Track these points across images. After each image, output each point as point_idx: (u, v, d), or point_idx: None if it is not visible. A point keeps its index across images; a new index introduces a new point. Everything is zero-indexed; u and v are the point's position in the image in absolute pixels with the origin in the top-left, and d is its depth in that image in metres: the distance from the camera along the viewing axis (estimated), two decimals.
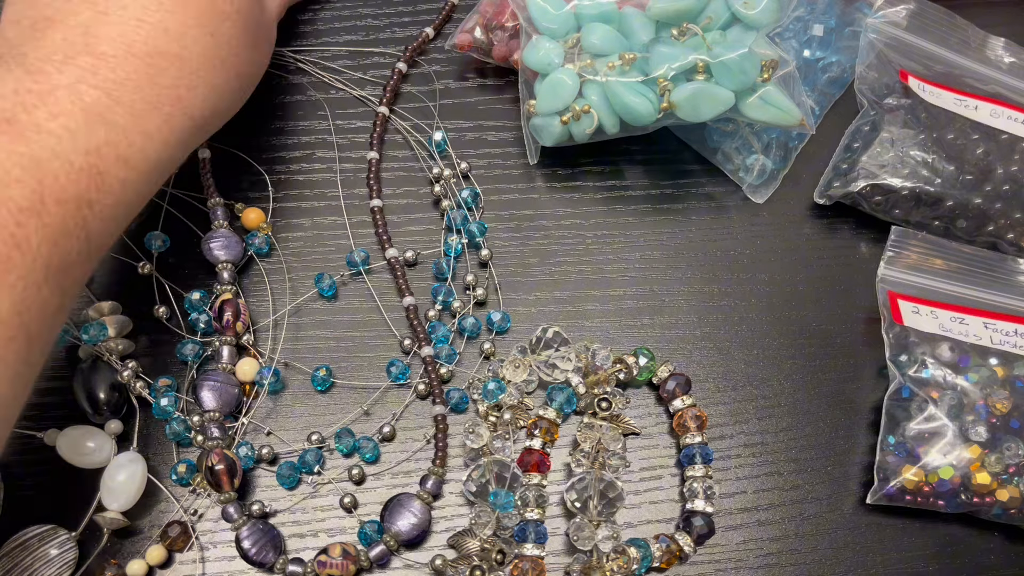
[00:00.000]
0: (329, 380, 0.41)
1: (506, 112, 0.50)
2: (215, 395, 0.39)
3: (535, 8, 0.44)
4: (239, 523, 0.37)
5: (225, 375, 0.39)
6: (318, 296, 0.44)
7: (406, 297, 0.42)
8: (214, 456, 0.37)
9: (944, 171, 0.45)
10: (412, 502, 0.38)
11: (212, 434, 0.38)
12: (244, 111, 0.48)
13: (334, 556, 0.36)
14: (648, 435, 0.42)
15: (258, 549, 0.36)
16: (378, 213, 0.45)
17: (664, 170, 0.48)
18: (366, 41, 0.51)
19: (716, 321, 0.45)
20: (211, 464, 0.37)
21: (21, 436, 0.39)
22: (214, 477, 0.37)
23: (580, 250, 0.46)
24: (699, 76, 0.42)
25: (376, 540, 0.37)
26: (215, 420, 0.38)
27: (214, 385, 0.39)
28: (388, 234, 0.44)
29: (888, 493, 0.39)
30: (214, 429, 0.38)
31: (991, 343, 0.42)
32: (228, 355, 0.40)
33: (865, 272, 0.46)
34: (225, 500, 0.37)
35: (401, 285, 0.43)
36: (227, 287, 0.42)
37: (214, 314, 0.41)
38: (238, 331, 0.41)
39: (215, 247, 0.42)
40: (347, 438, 0.40)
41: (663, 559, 0.38)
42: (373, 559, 0.37)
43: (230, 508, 0.37)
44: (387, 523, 0.37)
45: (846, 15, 0.52)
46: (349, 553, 0.36)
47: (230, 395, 0.39)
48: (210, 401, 0.39)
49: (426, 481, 0.39)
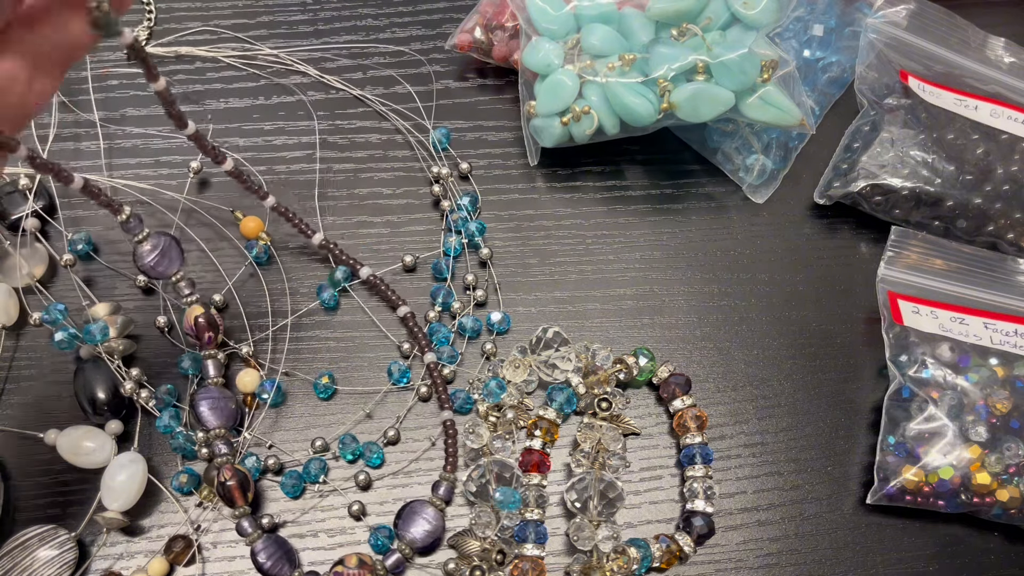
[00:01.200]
0: (331, 387, 0.41)
1: (506, 112, 0.50)
2: (215, 413, 0.38)
3: (535, 9, 0.44)
4: (253, 537, 0.36)
5: (220, 389, 0.39)
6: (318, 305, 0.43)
7: (401, 307, 0.42)
8: (226, 471, 0.36)
9: (944, 171, 0.45)
10: (426, 509, 0.37)
11: (220, 450, 0.37)
12: (244, 111, 0.49)
13: (351, 567, 0.36)
14: (648, 435, 0.42)
15: (273, 563, 0.36)
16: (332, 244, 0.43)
17: (664, 170, 0.48)
18: (366, 41, 0.51)
19: (716, 321, 0.45)
20: (223, 480, 0.36)
21: (21, 436, 0.39)
22: (227, 492, 0.36)
23: (580, 250, 0.46)
24: (699, 76, 0.42)
25: (389, 545, 0.37)
26: (221, 436, 0.38)
27: (212, 403, 0.38)
28: (354, 257, 0.43)
29: (888, 493, 0.39)
30: (221, 445, 0.38)
31: (991, 343, 0.42)
32: (215, 369, 0.39)
33: (865, 272, 0.46)
34: (239, 515, 0.36)
35: (391, 297, 0.43)
36: (194, 300, 0.40)
37: (189, 330, 0.40)
38: (218, 343, 0.40)
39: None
40: (351, 444, 0.40)
41: (663, 559, 0.38)
42: (389, 568, 0.37)
43: (244, 522, 0.36)
44: (401, 531, 0.37)
45: (846, 15, 0.52)
46: (365, 563, 0.36)
47: (229, 409, 0.38)
48: (211, 419, 0.38)
49: (438, 487, 0.38)
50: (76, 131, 0.47)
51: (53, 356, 0.41)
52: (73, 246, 0.43)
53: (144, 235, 0.37)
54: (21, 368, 0.41)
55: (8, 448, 0.39)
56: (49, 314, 0.39)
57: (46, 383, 0.41)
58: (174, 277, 0.39)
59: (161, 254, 0.37)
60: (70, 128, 0.47)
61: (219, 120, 0.48)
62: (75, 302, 0.42)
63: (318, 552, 0.38)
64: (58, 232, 0.44)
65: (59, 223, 0.44)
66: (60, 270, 0.43)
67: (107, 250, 0.44)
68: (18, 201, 0.43)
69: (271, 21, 0.52)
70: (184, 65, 0.50)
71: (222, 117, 0.48)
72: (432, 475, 0.40)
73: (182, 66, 0.50)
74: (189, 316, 0.39)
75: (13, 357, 0.42)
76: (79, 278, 0.43)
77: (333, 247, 0.43)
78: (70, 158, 0.47)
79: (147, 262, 0.37)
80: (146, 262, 0.37)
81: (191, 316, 0.39)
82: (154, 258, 0.37)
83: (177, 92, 0.49)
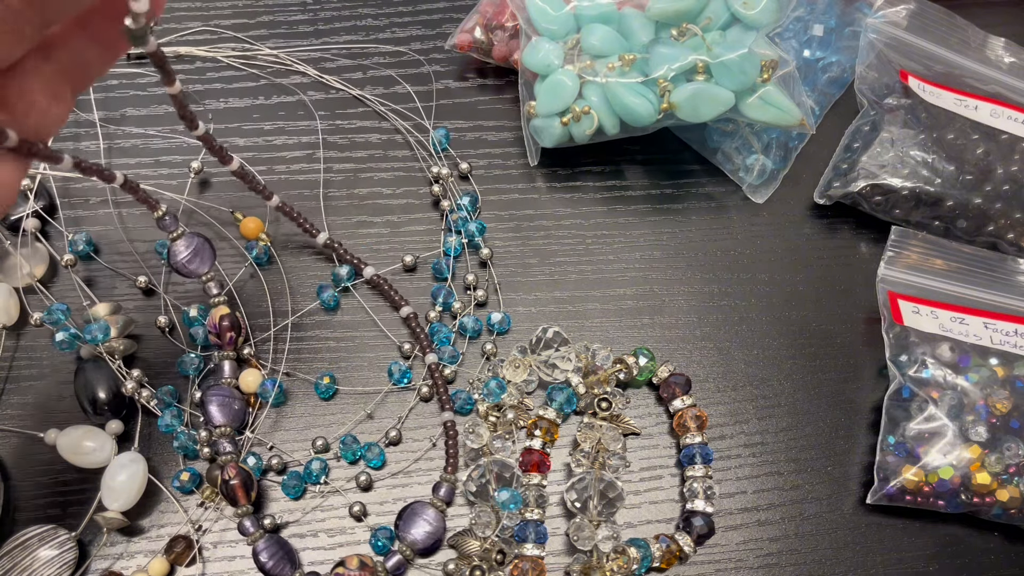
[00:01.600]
0: (333, 388, 0.41)
1: (506, 112, 0.50)
2: (223, 411, 0.38)
3: (534, 9, 0.44)
4: (255, 536, 0.36)
5: (230, 389, 0.39)
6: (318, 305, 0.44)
7: (403, 308, 0.42)
8: (230, 470, 0.36)
9: (944, 171, 0.45)
10: (426, 510, 0.37)
11: (225, 449, 0.38)
12: (244, 111, 0.49)
13: (352, 568, 0.36)
14: (648, 435, 0.42)
15: (275, 563, 0.36)
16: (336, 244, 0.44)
17: (664, 170, 0.48)
18: (366, 41, 0.51)
19: (716, 321, 0.45)
20: (227, 478, 0.36)
21: (21, 436, 0.39)
22: (230, 491, 0.36)
23: (580, 250, 0.46)
24: (699, 76, 0.42)
25: (389, 547, 0.37)
26: (226, 435, 0.38)
27: (222, 400, 0.38)
28: (357, 257, 0.44)
29: (888, 493, 0.39)
30: (226, 444, 0.38)
31: (991, 343, 0.42)
32: (230, 369, 0.40)
33: (865, 272, 0.46)
34: (242, 514, 0.36)
35: (394, 297, 0.43)
36: (221, 299, 0.41)
37: (212, 329, 0.40)
38: (238, 344, 0.40)
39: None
40: (352, 444, 0.40)
41: (663, 559, 0.38)
42: (390, 569, 0.37)
43: (246, 522, 0.36)
44: (402, 532, 0.37)
45: (846, 15, 0.52)
46: (367, 565, 0.36)
47: (236, 409, 0.39)
48: (219, 416, 0.38)
49: (439, 488, 0.38)
50: (76, 131, 0.47)
51: (53, 356, 0.41)
52: (73, 246, 0.43)
53: (180, 232, 0.38)
54: (21, 368, 0.41)
55: (8, 448, 0.39)
56: (51, 315, 0.39)
57: (46, 383, 0.41)
58: (204, 276, 0.40)
59: (194, 253, 0.38)
60: (70, 128, 0.47)
61: (219, 120, 0.48)
62: (75, 302, 0.42)
63: (318, 552, 0.38)
64: (58, 232, 0.44)
65: (59, 223, 0.44)
66: (60, 270, 0.43)
67: (107, 250, 0.44)
68: (18, 201, 0.43)
69: (271, 21, 0.52)
70: (184, 65, 0.50)
71: (222, 117, 0.48)
72: (432, 475, 0.40)
73: (182, 66, 0.50)
74: (215, 315, 0.40)
75: (13, 357, 0.42)
76: (79, 278, 0.43)
77: (338, 246, 0.43)
78: None
79: (180, 259, 0.38)
80: (179, 259, 0.38)
81: (216, 316, 0.40)
82: (187, 256, 0.38)
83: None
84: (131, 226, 0.45)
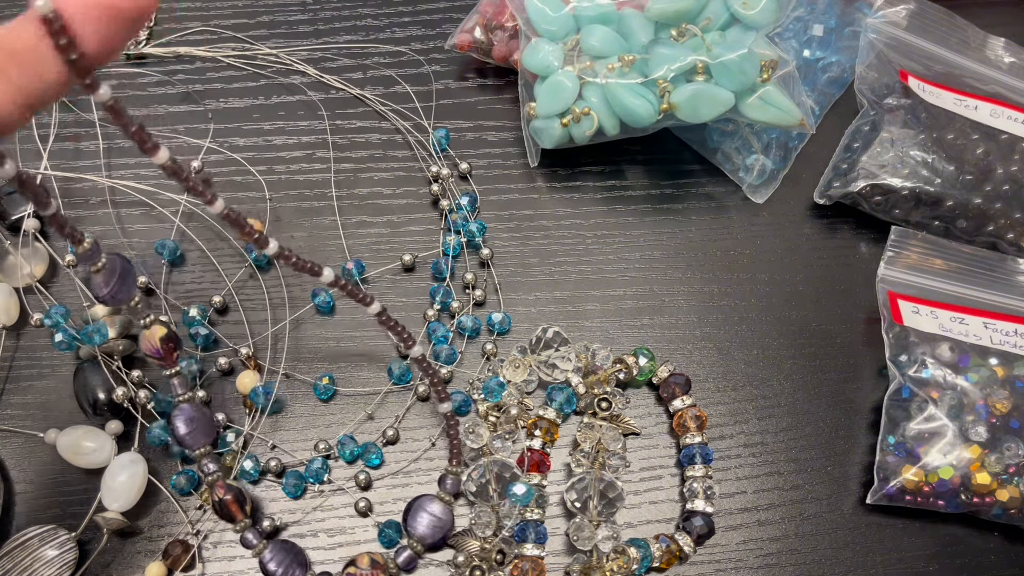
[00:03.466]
0: (332, 388, 0.41)
1: (506, 112, 0.50)
2: (192, 432, 0.36)
3: (534, 10, 0.44)
4: (260, 548, 0.36)
5: (192, 405, 0.37)
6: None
7: (372, 305, 0.36)
8: (219, 489, 0.36)
9: (944, 171, 0.45)
10: (432, 504, 0.37)
11: (209, 469, 0.36)
12: (244, 111, 0.49)
13: (363, 567, 0.36)
14: (648, 435, 0.42)
15: (284, 569, 0.35)
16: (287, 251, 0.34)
17: (664, 170, 0.48)
18: (366, 41, 0.51)
19: (716, 321, 0.45)
20: (218, 498, 0.36)
21: (21, 436, 0.39)
22: (224, 509, 0.36)
23: (580, 250, 0.46)
24: (699, 77, 0.42)
25: (397, 539, 0.37)
26: (206, 455, 0.36)
27: (189, 421, 0.36)
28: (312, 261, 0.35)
29: (888, 493, 0.39)
30: (208, 464, 0.36)
31: (991, 343, 0.42)
32: (180, 385, 0.37)
33: (865, 272, 0.46)
34: (242, 528, 0.36)
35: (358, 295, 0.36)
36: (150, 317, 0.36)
37: (154, 353, 0.36)
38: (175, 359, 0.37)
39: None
40: (350, 444, 0.40)
41: (663, 559, 0.38)
42: (401, 564, 0.37)
43: (247, 535, 0.36)
44: (410, 527, 0.37)
45: (846, 15, 0.52)
46: (378, 562, 0.36)
47: (206, 423, 0.37)
48: (190, 440, 0.36)
49: (444, 481, 0.38)
50: (76, 131, 0.47)
51: (53, 356, 0.41)
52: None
53: (100, 266, 0.32)
54: (21, 368, 0.41)
55: (8, 448, 0.39)
56: (50, 317, 0.39)
57: (46, 383, 0.41)
58: (134, 300, 0.34)
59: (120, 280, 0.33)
60: (70, 128, 0.47)
61: (219, 120, 0.48)
62: (75, 302, 0.42)
63: (318, 552, 0.38)
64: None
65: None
66: (60, 270, 0.44)
67: (107, 250, 0.44)
68: (18, 201, 0.43)
69: (271, 21, 0.52)
70: (184, 65, 0.50)
71: (222, 117, 0.48)
72: (432, 475, 0.40)
73: (182, 66, 0.50)
74: (152, 339, 0.36)
75: (13, 357, 0.42)
76: (79, 278, 0.43)
77: (289, 254, 0.34)
78: (70, 158, 0.47)
79: (106, 294, 0.33)
80: (105, 294, 0.33)
81: (155, 338, 0.36)
82: (113, 288, 0.33)
83: (177, 92, 0.49)
84: (131, 226, 0.45)
